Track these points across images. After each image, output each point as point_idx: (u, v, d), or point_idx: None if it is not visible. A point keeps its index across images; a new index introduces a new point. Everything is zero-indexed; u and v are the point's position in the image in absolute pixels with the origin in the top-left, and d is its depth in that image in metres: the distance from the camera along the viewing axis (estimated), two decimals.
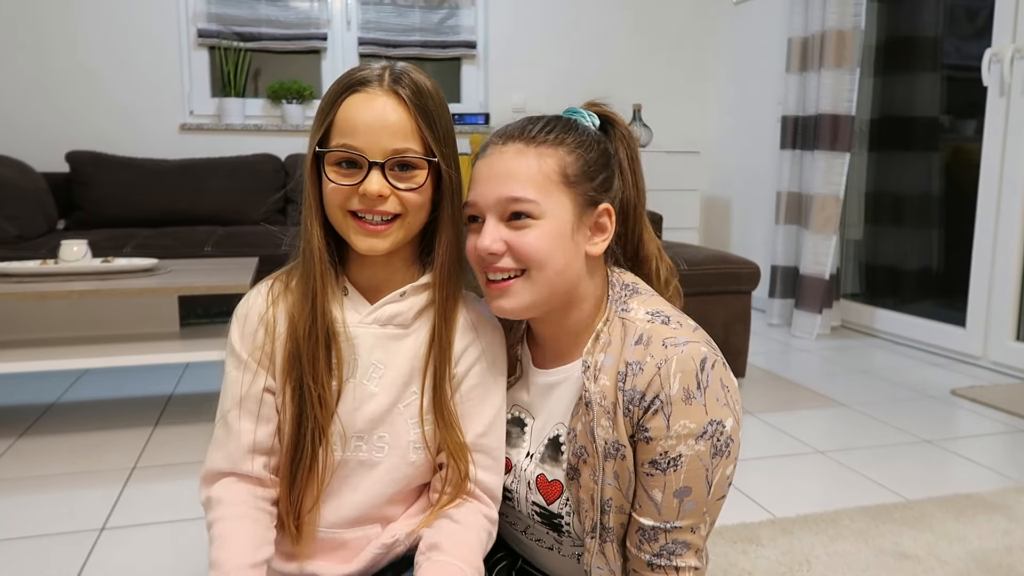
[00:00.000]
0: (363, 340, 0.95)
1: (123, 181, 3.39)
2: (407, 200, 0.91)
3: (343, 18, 4.06)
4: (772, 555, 1.46)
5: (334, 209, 0.91)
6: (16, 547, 1.51)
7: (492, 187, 0.91)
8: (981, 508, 1.67)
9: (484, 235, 0.91)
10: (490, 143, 0.96)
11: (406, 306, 0.96)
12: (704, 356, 0.88)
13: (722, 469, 0.89)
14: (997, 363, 2.86)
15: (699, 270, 2.47)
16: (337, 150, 0.89)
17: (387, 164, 0.89)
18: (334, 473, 0.95)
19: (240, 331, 0.97)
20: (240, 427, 0.93)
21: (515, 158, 0.91)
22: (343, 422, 0.94)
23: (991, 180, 2.84)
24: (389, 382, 0.95)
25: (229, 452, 0.93)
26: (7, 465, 1.91)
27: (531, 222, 0.90)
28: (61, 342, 2.18)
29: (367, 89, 0.90)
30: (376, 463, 0.95)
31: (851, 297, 3.70)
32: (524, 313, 0.93)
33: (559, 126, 0.94)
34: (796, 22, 3.52)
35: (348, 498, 0.95)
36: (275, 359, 0.94)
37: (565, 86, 4.29)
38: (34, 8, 3.57)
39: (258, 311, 0.97)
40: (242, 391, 0.94)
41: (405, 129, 0.89)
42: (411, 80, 0.91)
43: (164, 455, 1.98)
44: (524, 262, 0.90)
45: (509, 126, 0.96)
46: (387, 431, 0.95)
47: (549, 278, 0.91)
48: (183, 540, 1.54)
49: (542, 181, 0.90)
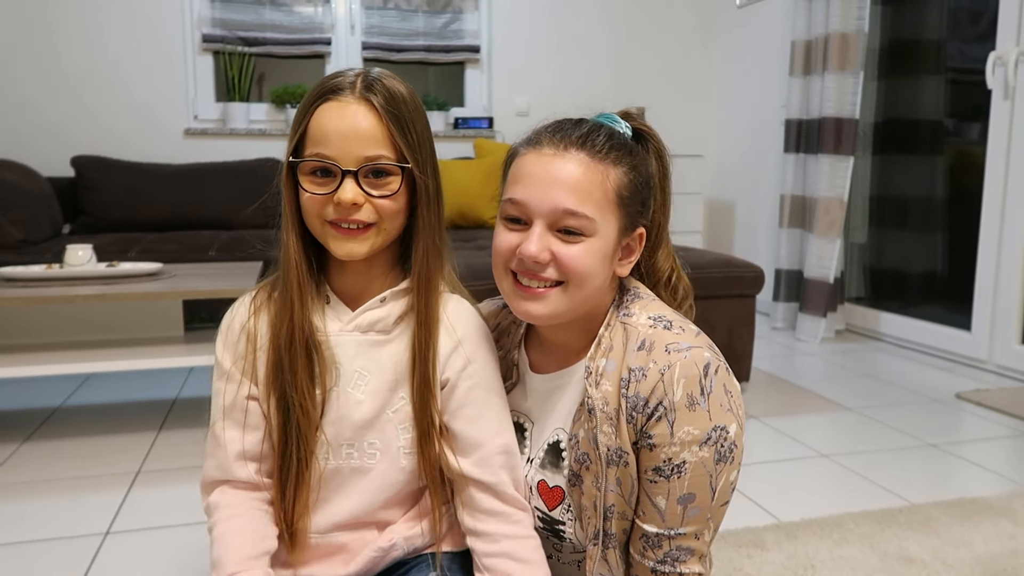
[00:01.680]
0: (345, 348, 0.95)
1: (128, 185, 3.40)
2: (381, 207, 0.91)
3: (347, 23, 4.07)
4: (777, 559, 1.46)
5: (312, 218, 0.92)
6: (22, 551, 1.51)
7: (549, 193, 0.87)
8: (987, 512, 1.66)
9: (531, 241, 0.88)
10: (544, 140, 0.91)
11: (386, 311, 0.96)
12: (707, 361, 0.88)
13: (726, 475, 0.89)
14: (1002, 367, 2.85)
15: (703, 274, 2.46)
16: (310, 159, 0.89)
17: (360, 172, 0.88)
18: (328, 481, 0.95)
19: (223, 342, 0.98)
20: (226, 436, 0.95)
21: (579, 169, 0.88)
22: (330, 430, 0.94)
23: (996, 183, 2.84)
24: (375, 389, 0.95)
25: (219, 461, 0.95)
26: (12, 469, 1.92)
27: (582, 238, 0.88)
28: (66, 346, 2.19)
29: (339, 97, 0.89)
30: (368, 470, 0.96)
31: (855, 301, 3.69)
32: (550, 320, 0.92)
33: (619, 142, 0.92)
34: (799, 25, 3.51)
35: (342, 505, 0.96)
36: (258, 369, 0.95)
37: (569, 90, 4.29)
38: (39, 14, 3.58)
39: (240, 321, 0.97)
40: (226, 401, 0.96)
41: (377, 136, 0.89)
42: (384, 87, 0.90)
43: (169, 459, 1.98)
44: (567, 276, 0.89)
45: (564, 126, 0.93)
46: (377, 437, 0.95)
47: (585, 293, 0.91)
48: (188, 544, 1.54)
49: (601, 199, 0.88)
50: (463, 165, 3.68)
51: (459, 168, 3.64)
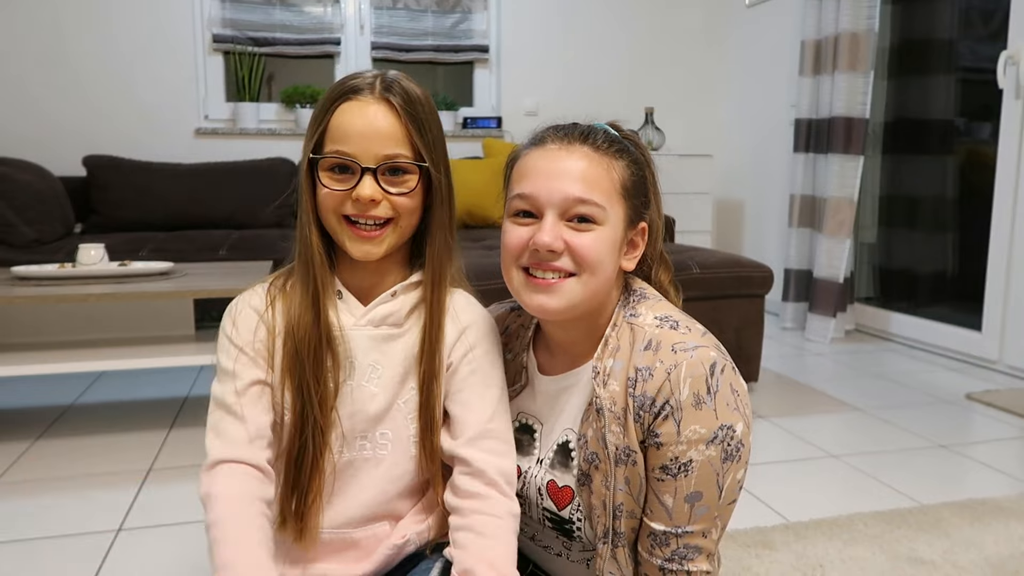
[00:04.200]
0: (359, 342, 0.97)
1: (139, 185, 3.43)
2: (399, 204, 0.92)
3: (356, 23, 4.08)
4: (786, 560, 1.45)
5: (328, 214, 0.93)
6: (34, 548, 1.53)
7: (558, 183, 0.90)
8: (997, 513, 1.66)
9: (545, 231, 0.89)
10: (547, 138, 0.94)
11: (397, 305, 0.98)
12: (714, 361, 0.88)
13: (733, 473, 0.89)
14: (1013, 367, 2.83)
15: (712, 274, 2.46)
16: (330, 156, 0.91)
17: (379, 169, 0.90)
18: (341, 473, 0.96)
19: (234, 325, 0.96)
20: (244, 414, 0.92)
21: (584, 160, 0.91)
22: (346, 424, 0.95)
23: (1007, 183, 2.82)
24: (387, 381, 0.97)
25: (231, 439, 0.91)
26: (25, 467, 1.93)
27: (593, 227, 0.90)
28: (77, 345, 2.21)
29: (359, 97, 0.91)
30: (381, 460, 0.97)
31: (865, 301, 3.68)
32: (562, 314, 0.93)
33: (616, 140, 0.95)
34: (809, 25, 3.50)
35: (358, 497, 0.96)
36: (274, 358, 0.95)
37: (577, 90, 4.29)
38: (50, 14, 3.61)
39: (256, 308, 0.97)
40: (238, 384, 0.93)
41: (396, 135, 0.91)
42: (402, 88, 0.93)
43: (180, 457, 2.00)
44: (581, 264, 0.90)
45: (563, 128, 0.95)
46: (388, 428, 0.97)
47: (597, 283, 0.92)
48: (200, 541, 1.55)
49: (609, 188, 0.91)
50: (472, 165, 3.69)
51: (468, 168, 3.64)
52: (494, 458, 0.95)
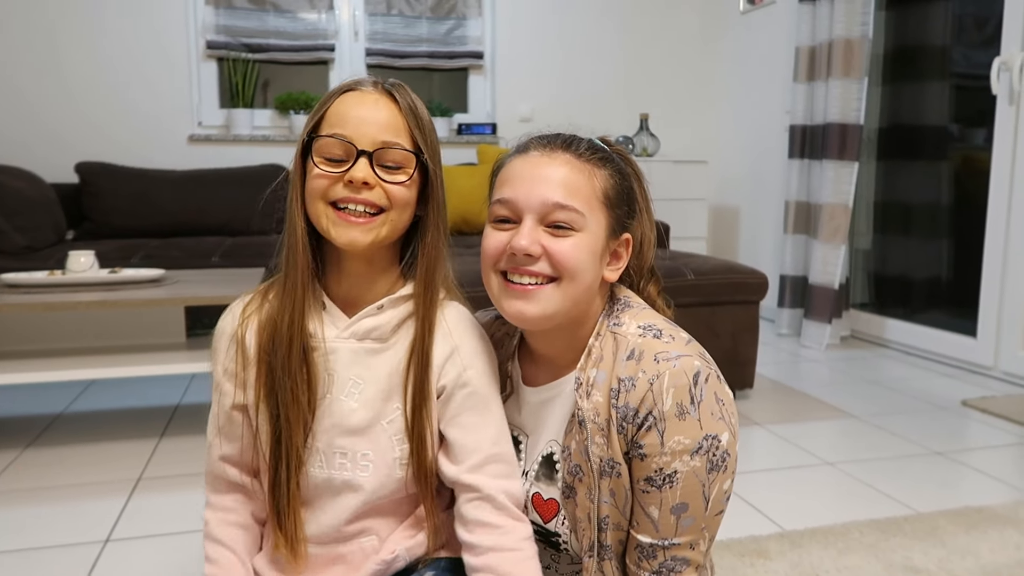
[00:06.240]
0: (341, 355, 0.94)
1: (132, 192, 3.41)
2: (393, 193, 0.90)
3: (351, 29, 4.08)
4: (781, 568, 1.44)
5: (315, 200, 0.91)
6: (21, 558, 1.51)
7: (538, 189, 0.89)
8: (993, 521, 1.65)
9: (522, 235, 0.89)
10: (531, 146, 0.95)
11: (384, 319, 0.95)
12: (697, 370, 0.87)
13: (719, 484, 0.88)
14: (1008, 373, 2.83)
15: (707, 280, 2.45)
16: (326, 136, 0.90)
17: (375, 154, 0.89)
18: (322, 489, 0.94)
19: (215, 345, 0.99)
20: (215, 442, 0.98)
21: (564, 167, 0.91)
22: (323, 439, 0.93)
23: (1001, 189, 2.82)
24: (369, 397, 0.94)
25: (211, 465, 0.99)
26: (13, 476, 1.91)
27: (571, 232, 0.89)
28: (68, 353, 2.19)
29: (361, 88, 0.93)
30: (361, 483, 0.94)
31: (860, 307, 3.67)
32: (541, 323, 0.91)
33: (600, 150, 0.95)
34: (803, 31, 3.51)
35: (339, 515, 0.94)
36: (248, 377, 0.95)
37: (572, 96, 4.29)
38: (43, 21, 3.60)
39: (231, 327, 0.97)
40: (216, 408, 0.98)
41: (395, 125, 0.91)
42: (403, 89, 0.94)
43: (170, 466, 1.98)
44: (559, 270, 0.89)
45: (546, 136, 0.96)
46: (371, 449, 0.94)
47: (577, 291, 0.91)
48: (189, 551, 1.53)
49: (589, 195, 0.91)
50: (466, 171, 3.68)
51: (462, 174, 3.64)
52: (502, 481, 0.93)
